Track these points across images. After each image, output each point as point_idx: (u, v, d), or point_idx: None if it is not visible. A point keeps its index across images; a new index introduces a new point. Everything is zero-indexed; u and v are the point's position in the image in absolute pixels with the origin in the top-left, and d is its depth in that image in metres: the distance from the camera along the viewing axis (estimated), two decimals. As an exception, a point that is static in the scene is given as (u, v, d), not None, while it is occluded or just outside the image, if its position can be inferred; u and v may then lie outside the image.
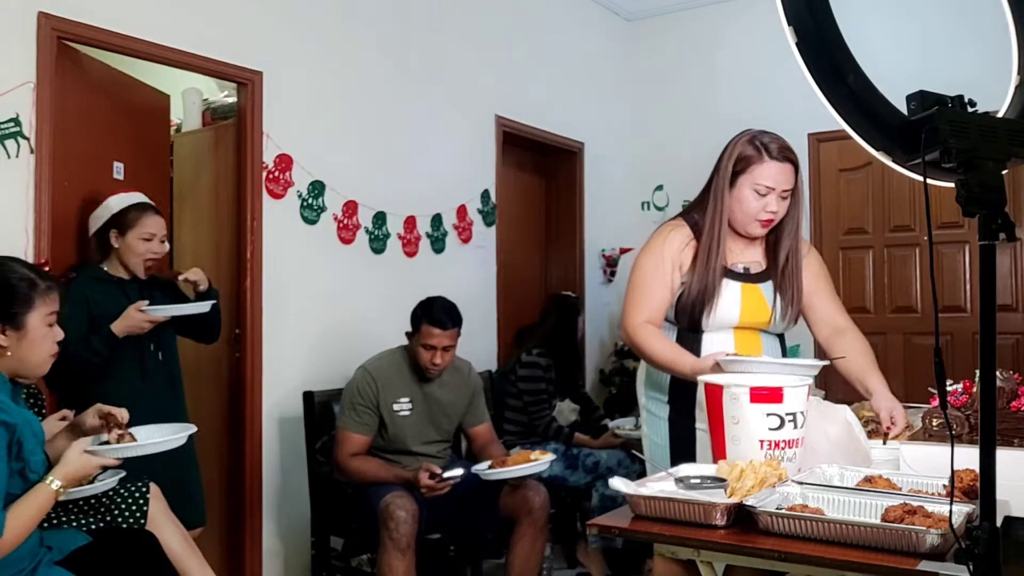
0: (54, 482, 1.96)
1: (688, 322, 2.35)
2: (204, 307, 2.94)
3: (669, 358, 2.28)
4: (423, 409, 3.23)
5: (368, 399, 3.15)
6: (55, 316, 2.07)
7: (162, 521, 2.36)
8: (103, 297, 2.87)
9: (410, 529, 2.86)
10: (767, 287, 2.39)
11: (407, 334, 3.25)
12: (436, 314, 3.14)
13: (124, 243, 2.91)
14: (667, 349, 2.30)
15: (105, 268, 2.95)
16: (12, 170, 2.76)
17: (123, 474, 2.24)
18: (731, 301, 2.33)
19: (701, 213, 2.37)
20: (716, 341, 2.32)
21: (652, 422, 2.46)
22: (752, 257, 2.41)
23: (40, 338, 2.04)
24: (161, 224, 2.99)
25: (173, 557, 2.31)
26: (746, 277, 2.37)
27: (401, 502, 2.89)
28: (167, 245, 3.07)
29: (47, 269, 2.49)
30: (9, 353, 2.00)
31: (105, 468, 2.09)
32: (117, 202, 2.96)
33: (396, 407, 3.18)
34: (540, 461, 2.99)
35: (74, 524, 2.24)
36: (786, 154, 2.30)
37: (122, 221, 2.92)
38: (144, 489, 2.37)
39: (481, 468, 3.00)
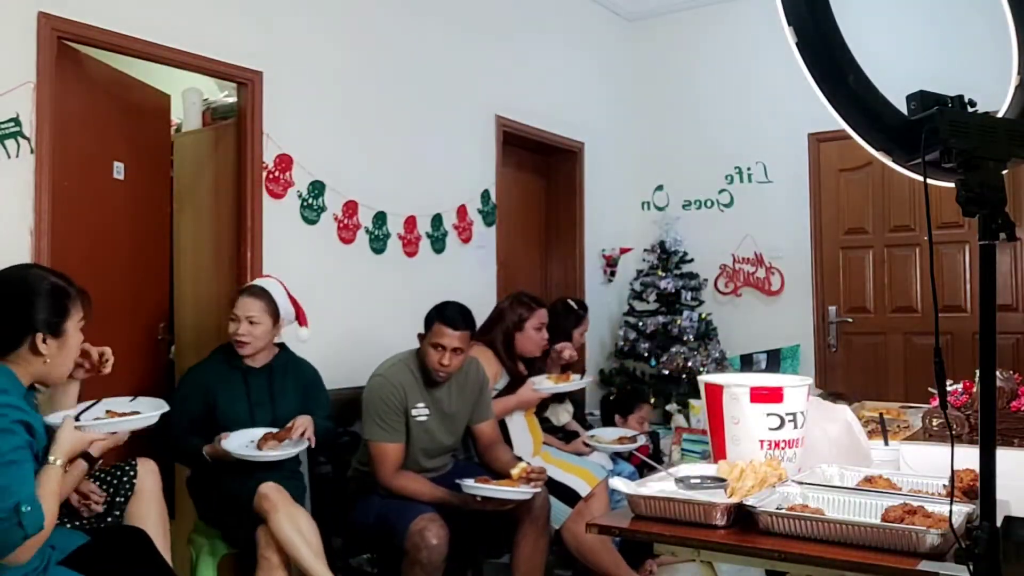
0: (56, 460, 1.98)
1: None
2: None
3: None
4: (436, 415, 3.17)
5: (395, 405, 3.07)
6: (84, 322, 2.10)
7: (148, 499, 2.38)
8: (221, 386, 2.89)
9: (441, 555, 2.81)
10: None
11: (419, 336, 3.19)
12: (449, 314, 3.10)
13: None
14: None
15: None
16: (12, 170, 2.75)
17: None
18: None
19: None
20: None
21: None
22: None
23: (74, 345, 2.08)
24: (250, 306, 2.91)
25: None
26: None
27: (434, 528, 2.82)
28: (260, 327, 2.93)
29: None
30: (48, 361, 2.01)
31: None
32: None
33: (415, 412, 3.11)
34: (520, 489, 2.93)
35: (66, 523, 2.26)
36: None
37: (231, 301, 2.98)
38: (134, 462, 2.41)
39: (468, 482, 2.93)
